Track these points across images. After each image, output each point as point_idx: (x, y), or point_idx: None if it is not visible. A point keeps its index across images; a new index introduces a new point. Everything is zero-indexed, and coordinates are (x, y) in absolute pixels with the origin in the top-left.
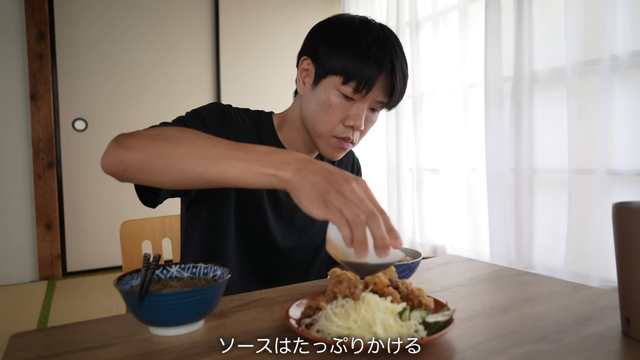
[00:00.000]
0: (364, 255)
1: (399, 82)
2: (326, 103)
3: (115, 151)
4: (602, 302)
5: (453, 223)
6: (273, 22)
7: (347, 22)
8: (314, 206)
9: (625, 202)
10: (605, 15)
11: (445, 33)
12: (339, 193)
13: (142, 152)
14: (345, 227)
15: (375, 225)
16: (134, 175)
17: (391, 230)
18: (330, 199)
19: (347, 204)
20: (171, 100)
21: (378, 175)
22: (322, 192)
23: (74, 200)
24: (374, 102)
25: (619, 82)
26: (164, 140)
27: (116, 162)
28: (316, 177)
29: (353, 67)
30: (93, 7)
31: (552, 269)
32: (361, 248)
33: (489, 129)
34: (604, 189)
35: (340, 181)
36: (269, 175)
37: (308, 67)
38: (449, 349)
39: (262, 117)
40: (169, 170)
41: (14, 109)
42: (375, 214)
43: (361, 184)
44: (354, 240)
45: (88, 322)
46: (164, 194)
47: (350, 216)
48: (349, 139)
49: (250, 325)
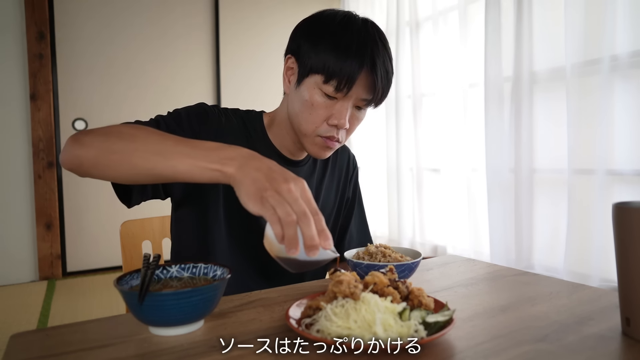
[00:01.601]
0: (293, 252)
1: (381, 79)
2: (309, 102)
3: (72, 147)
4: (602, 302)
5: (453, 223)
6: (273, 22)
7: (328, 18)
8: (250, 201)
9: (625, 202)
10: (605, 15)
11: (445, 33)
12: (276, 191)
13: (96, 149)
14: (277, 224)
15: (306, 225)
16: (90, 171)
17: (322, 231)
18: (266, 196)
19: (282, 202)
20: (171, 99)
21: (378, 175)
22: (260, 189)
23: (74, 200)
24: (357, 100)
25: (619, 82)
26: (117, 137)
27: (73, 158)
28: (257, 174)
29: (333, 65)
30: (93, 7)
31: (552, 269)
32: (291, 245)
33: (489, 128)
34: (604, 189)
35: (278, 180)
36: (213, 170)
37: (292, 65)
38: (449, 349)
39: (251, 117)
40: (121, 165)
41: (14, 109)
42: (306, 215)
43: (299, 184)
44: (284, 238)
45: (88, 322)
46: (137, 193)
47: (282, 215)
48: (333, 138)
49: (250, 325)
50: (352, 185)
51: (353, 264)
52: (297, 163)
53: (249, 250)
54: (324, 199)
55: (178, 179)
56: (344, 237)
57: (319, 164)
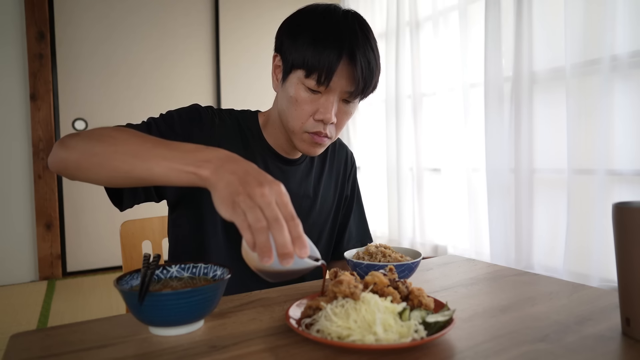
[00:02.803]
0: (267, 261)
1: (362, 69)
2: (294, 99)
3: (58, 150)
4: (602, 302)
5: (453, 223)
6: (273, 23)
7: (309, 12)
8: (222, 206)
9: (625, 202)
10: (605, 15)
11: (445, 33)
12: (248, 196)
13: (79, 152)
14: (246, 231)
15: (278, 232)
16: (74, 173)
17: (298, 239)
18: (238, 201)
19: (253, 207)
20: (171, 100)
21: (378, 175)
22: (232, 193)
23: (74, 200)
24: (342, 93)
25: (619, 82)
26: (98, 140)
27: (58, 161)
28: (231, 177)
29: (312, 58)
30: (93, 7)
31: (551, 269)
32: (263, 254)
33: (489, 128)
34: (604, 189)
35: (252, 184)
36: (188, 172)
37: (279, 63)
38: (449, 349)
39: (246, 117)
40: (101, 168)
41: (14, 109)
42: (278, 220)
43: (275, 188)
44: (256, 246)
45: (88, 322)
46: (127, 197)
47: (252, 220)
48: (321, 134)
49: (250, 325)
50: (350, 183)
51: (353, 264)
52: (294, 162)
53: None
54: (322, 197)
55: (156, 182)
56: (343, 234)
57: (316, 162)
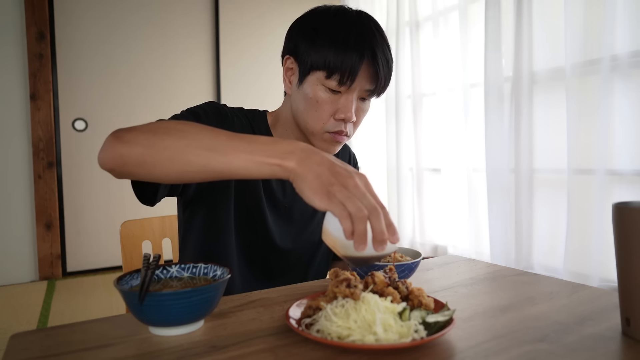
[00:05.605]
0: (362, 248)
1: (383, 68)
2: (314, 100)
3: (115, 146)
4: (602, 302)
5: (453, 223)
6: (273, 23)
7: (322, 14)
8: (316, 197)
9: (625, 202)
10: (605, 15)
11: (445, 33)
12: (343, 186)
13: (143, 146)
14: (347, 220)
15: (377, 220)
16: (133, 170)
17: (390, 226)
18: (333, 191)
19: (351, 197)
20: (171, 100)
21: (378, 175)
22: (325, 184)
23: (74, 200)
24: (361, 92)
25: (618, 82)
26: (165, 133)
27: (115, 157)
28: (320, 168)
29: (334, 59)
30: (93, 7)
31: (551, 269)
32: (361, 241)
33: (489, 128)
34: (604, 189)
35: (343, 174)
36: (272, 165)
37: (292, 65)
38: (449, 349)
39: (256, 116)
40: (172, 162)
41: (14, 109)
42: (377, 209)
43: (362, 179)
44: (354, 234)
45: (88, 322)
46: (162, 191)
47: (354, 210)
48: (342, 132)
49: (250, 325)
50: None
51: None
52: None
53: (255, 251)
54: None
55: (233, 175)
56: None
57: None
